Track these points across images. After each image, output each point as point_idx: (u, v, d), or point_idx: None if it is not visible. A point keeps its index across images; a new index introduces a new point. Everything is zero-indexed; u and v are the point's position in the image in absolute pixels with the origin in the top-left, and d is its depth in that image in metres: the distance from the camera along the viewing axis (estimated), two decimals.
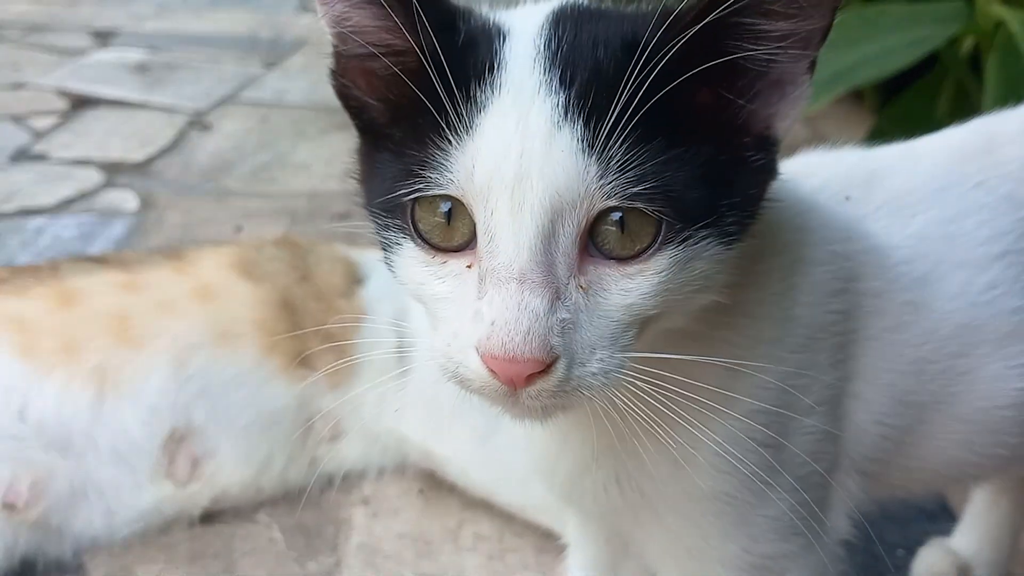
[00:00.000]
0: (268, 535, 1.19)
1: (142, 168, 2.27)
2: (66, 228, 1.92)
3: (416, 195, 0.58)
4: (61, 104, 2.62)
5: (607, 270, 0.56)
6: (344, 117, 0.64)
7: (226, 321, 1.23)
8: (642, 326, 0.57)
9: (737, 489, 0.66)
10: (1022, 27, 1.56)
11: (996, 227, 0.73)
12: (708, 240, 0.56)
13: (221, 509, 1.21)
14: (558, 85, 0.55)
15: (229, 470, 1.20)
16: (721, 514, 0.67)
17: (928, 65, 1.86)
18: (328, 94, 0.65)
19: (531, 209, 0.54)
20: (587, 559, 0.87)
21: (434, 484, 1.27)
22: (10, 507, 1.08)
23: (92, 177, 2.18)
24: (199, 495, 1.19)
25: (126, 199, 2.09)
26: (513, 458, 1.01)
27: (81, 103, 2.64)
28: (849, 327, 0.69)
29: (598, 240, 0.55)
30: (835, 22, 0.56)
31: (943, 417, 0.72)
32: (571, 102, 0.54)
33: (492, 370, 0.54)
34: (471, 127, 0.56)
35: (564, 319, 0.54)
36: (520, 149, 0.54)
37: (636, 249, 0.55)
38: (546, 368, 0.54)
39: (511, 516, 1.19)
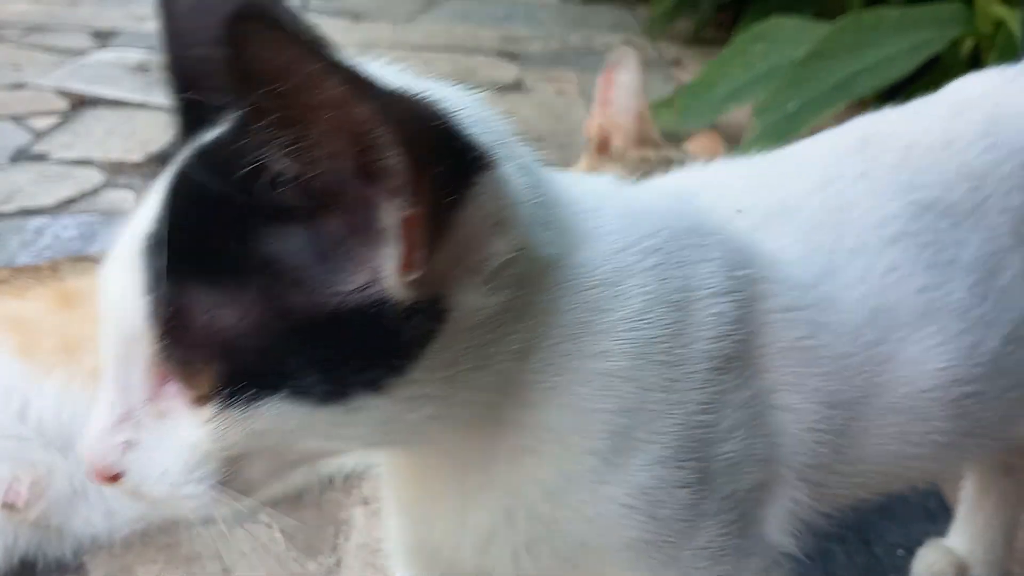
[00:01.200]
0: (268, 535, 1.19)
1: (142, 168, 2.27)
2: (66, 228, 1.92)
3: None
4: (61, 104, 2.62)
5: (184, 404, 0.54)
6: None
7: None
8: (235, 464, 0.55)
9: (658, 534, 0.63)
10: (1022, 27, 1.57)
11: (884, 212, 0.74)
12: (273, 400, 0.52)
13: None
14: (154, 217, 0.54)
15: None
16: (647, 559, 0.64)
17: (928, 66, 1.86)
18: None
19: (107, 336, 0.55)
20: None
21: None
22: (10, 507, 1.08)
23: (92, 177, 2.18)
24: None
25: (126, 199, 2.08)
26: None
27: (81, 103, 2.63)
28: (756, 344, 0.66)
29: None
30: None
31: (873, 411, 0.71)
32: (150, 241, 0.53)
33: None
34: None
35: (127, 440, 0.55)
36: (108, 275, 0.55)
37: (198, 395, 0.54)
38: (115, 477, 0.55)
39: None
